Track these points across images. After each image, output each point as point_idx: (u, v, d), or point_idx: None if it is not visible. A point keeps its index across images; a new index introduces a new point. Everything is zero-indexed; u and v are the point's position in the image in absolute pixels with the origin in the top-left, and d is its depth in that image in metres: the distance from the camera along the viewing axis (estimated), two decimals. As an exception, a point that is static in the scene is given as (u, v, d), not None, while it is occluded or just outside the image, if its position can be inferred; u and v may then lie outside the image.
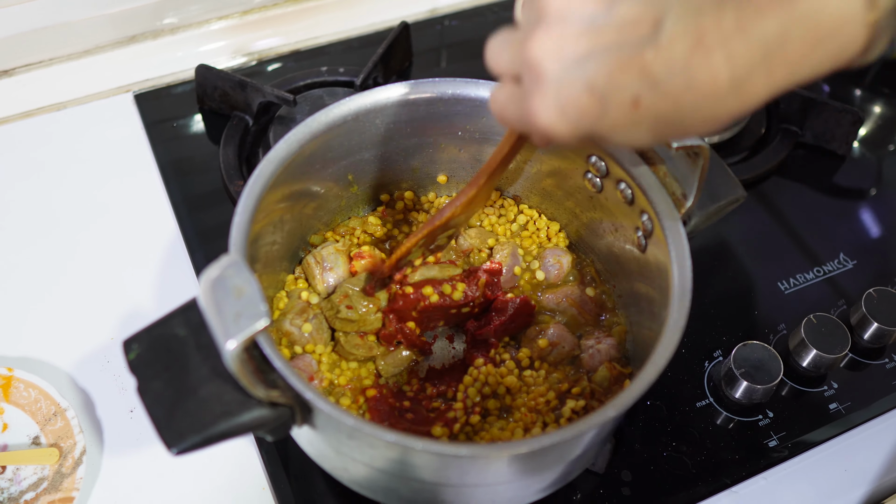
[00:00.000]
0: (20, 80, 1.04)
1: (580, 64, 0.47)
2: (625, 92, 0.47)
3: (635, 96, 0.46)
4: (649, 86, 0.46)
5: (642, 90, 0.46)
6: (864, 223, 1.01)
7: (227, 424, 0.57)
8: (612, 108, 0.47)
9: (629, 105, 0.47)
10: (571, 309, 0.79)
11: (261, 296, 0.54)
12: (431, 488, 0.63)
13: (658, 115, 0.47)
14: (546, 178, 0.81)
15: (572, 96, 0.48)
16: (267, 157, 0.68)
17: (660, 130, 0.49)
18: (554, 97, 0.48)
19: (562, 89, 0.48)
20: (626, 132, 0.49)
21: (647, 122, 0.48)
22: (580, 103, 0.48)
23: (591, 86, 0.47)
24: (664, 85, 0.46)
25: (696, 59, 0.45)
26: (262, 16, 1.11)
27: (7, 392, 0.80)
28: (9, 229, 0.93)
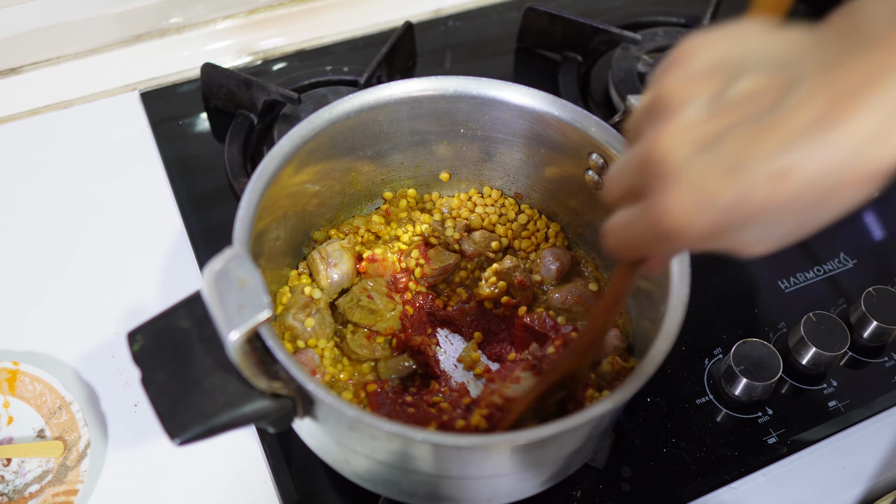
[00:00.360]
0: (27, 78, 1.05)
1: (713, 146, 0.43)
2: (769, 161, 0.41)
3: (783, 165, 0.41)
4: (794, 149, 0.41)
5: (788, 156, 0.41)
6: (864, 223, 1.01)
7: (230, 415, 0.58)
8: (757, 183, 0.42)
9: (777, 176, 0.41)
10: (577, 306, 0.80)
11: (263, 288, 0.54)
12: (432, 480, 0.64)
13: (805, 183, 0.41)
14: (548, 176, 0.82)
15: (709, 179, 0.42)
16: (270, 154, 0.69)
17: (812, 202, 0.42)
18: (687, 186, 0.43)
19: (695, 175, 0.43)
20: (769, 219, 0.43)
21: (791, 197, 0.41)
22: (719, 185, 0.42)
23: (731, 165, 0.42)
24: (813, 144, 0.40)
25: (836, 113, 0.40)
26: (267, 15, 1.12)
27: (12, 386, 0.81)
28: (15, 225, 0.94)
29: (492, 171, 0.84)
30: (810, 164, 0.41)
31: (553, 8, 1.08)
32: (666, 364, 0.86)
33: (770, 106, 0.42)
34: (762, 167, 0.41)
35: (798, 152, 0.41)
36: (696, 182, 0.43)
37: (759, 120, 0.42)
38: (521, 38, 1.11)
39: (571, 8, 1.14)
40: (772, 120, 0.42)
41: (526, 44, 1.12)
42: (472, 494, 0.67)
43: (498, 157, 0.82)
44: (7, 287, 0.89)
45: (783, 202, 0.42)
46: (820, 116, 0.40)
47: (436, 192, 0.87)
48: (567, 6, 1.17)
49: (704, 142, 0.43)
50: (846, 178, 0.41)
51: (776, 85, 0.42)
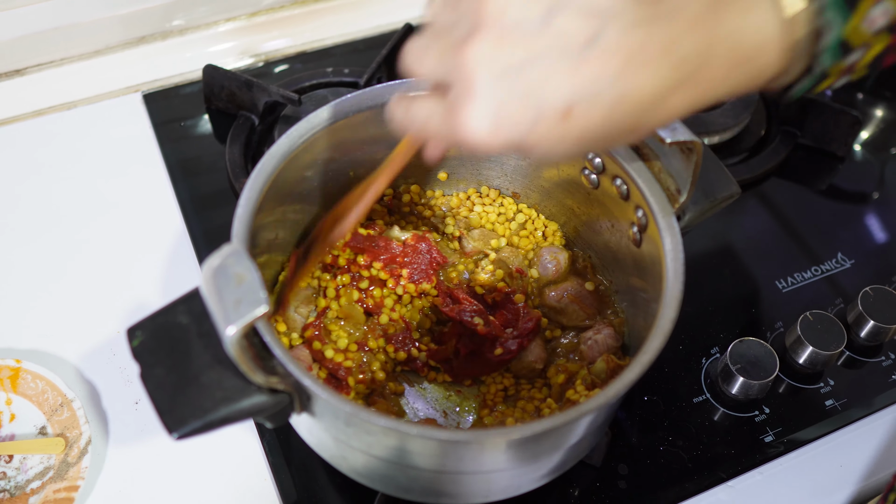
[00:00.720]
0: (31, 80, 1.06)
1: (516, 71, 0.47)
2: (559, 101, 0.46)
3: (568, 106, 0.47)
4: (583, 96, 0.46)
5: (576, 100, 0.46)
6: (862, 224, 1.01)
7: (228, 410, 0.58)
8: (543, 119, 0.47)
9: (561, 115, 0.47)
10: (573, 305, 0.80)
11: (261, 283, 0.55)
12: (428, 476, 0.64)
13: (586, 126, 0.47)
14: (544, 176, 0.82)
15: (507, 105, 0.47)
16: (269, 152, 0.69)
17: (584, 142, 0.49)
18: (487, 106, 0.47)
19: (496, 97, 0.47)
20: (551, 144, 0.49)
21: (574, 133, 0.48)
22: (514, 112, 0.47)
23: (527, 94, 0.47)
24: (598, 96, 0.46)
25: (628, 73, 0.46)
26: (269, 18, 1.13)
27: (15, 383, 0.81)
28: (19, 224, 0.95)
29: (489, 170, 0.85)
30: (594, 111, 0.47)
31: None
32: (663, 363, 0.87)
33: (576, 46, 0.46)
34: (555, 102, 0.46)
35: (587, 99, 0.46)
36: (496, 103, 0.47)
37: (564, 57, 0.46)
38: (521, 40, 1.12)
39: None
40: (574, 60, 0.46)
41: (526, 45, 1.12)
42: (468, 490, 0.67)
43: (495, 157, 0.83)
44: (10, 285, 0.90)
45: (562, 135, 0.48)
46: (615, 70, 0.46)
47: (438, 191, 0.87)
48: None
49: (512, 64, 0.47)
50: (620, 129, 0.48)
51: (587, 29, 0.46)
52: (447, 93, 0.50)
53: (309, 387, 0.58)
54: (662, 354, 0.87)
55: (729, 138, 1.04)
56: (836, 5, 0.48)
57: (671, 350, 0.88)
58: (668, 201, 0.68)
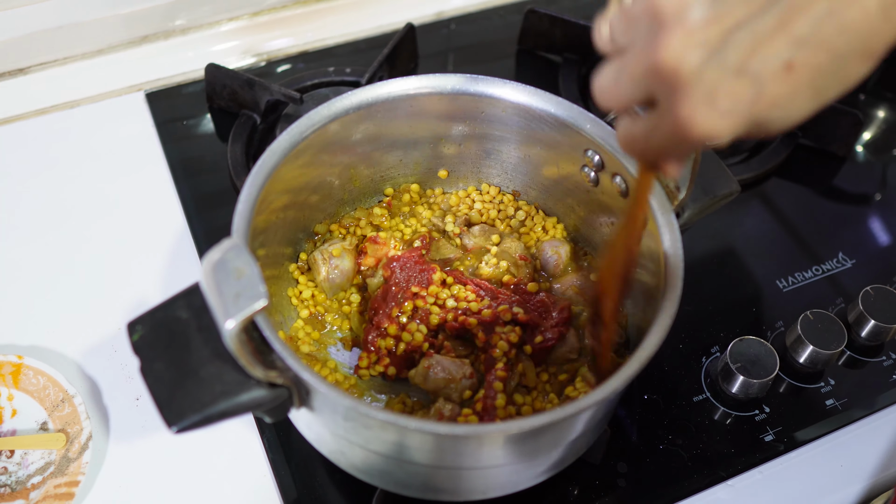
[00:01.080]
0: (35, 79, 1.07)
1: (718, 52, 0.45)
2: (775, 60, 0.45)
3: (787, 61, 0.45)
4: (798, 44, 0.44)
5: (792, 52, 0.44)
6: (863, 224, 1.01)
7: (227, 404, 0.58)
8: (767, 83, 0.45)
9: (783, 72, 0.45)
10: (577, 297, 0.80)
11: (260, 277, 0.55)
12: (427, 471, 0.65)
13: (816, 71, 0.45)
14: (545, 174, 0.83)
15: (723, 87, 0.45)
16: (270, 148, 0.70)
17: (821, 88, 0.46)
18: (704, 95, 0.45)
19: (708, 84, 0.45)
20: (788, 105, 0.46)
21: (805, 83, 0.45)
22: (733, 90, 0.45)
23: (739, 68, 0.45)
24: (814, 37, 0.44)
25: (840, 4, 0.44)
26: (271, 17, 1.14)
27: (17, 379, 0.82)
28: (22, 222, 0.95)
29: (490, 168, 0.85)
30: (819, 54, 0.45)
31: (554, 10, 1.09)
32: (663, 362, 0.87)
33: (767, 4, 0.45)
34: (770, 64, 0.45)
35: (800, 46, 0.44)
36: (712, 88, 0.45)
37: (763, 16, 0.45)
38: (522, 41, 1.13)
39: (572, 11, 1.15)
40: (775, 16, 0.44)
41: (527, 46, 1.13)
42: (467, 486, 0.67)
43: (496, 155, 0.83)
44: (13, 282, 0.90)
45: (793, 92, 0.45)
46: (820, 7, 0.44)
47: (438, 189, 0.87)
48: (567, 9, 1.18)
49: (712, 46, 0.45)
50: (851, 59, 0.45)
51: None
52: (656, 106, 0.49)
53: (308, 381, 0.58)
54: (663, 353, 0.87)
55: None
56: None
57: (671, 348, 0.88)
58: (667, 198, 0.68)
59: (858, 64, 0.46)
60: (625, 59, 0.49)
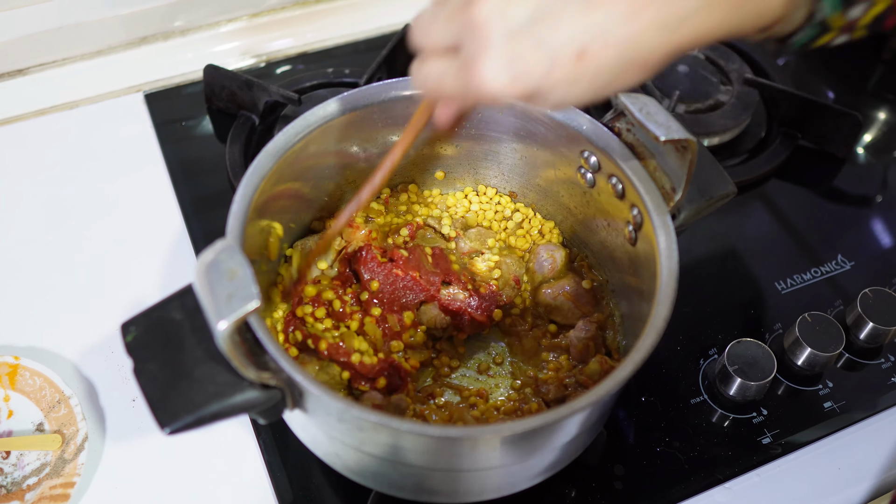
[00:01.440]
0: (34, 79, 1.07)
1: (526, 22, 0.48)
2: (571, 45, 0.48)
3: (581, 49, 0.48)
4: (594, 37, 0.48)
5: (587, 41, 0.48)
6: (863, 226, 1.01)
7: (220, 405, 0.58)
8: (558, 63, 0.48)
9: (575, 58, 0.48)
10: (568, 303, 0.80)
11: (253, 278, 0.55)
12: (421, 473, 0.64)
13: (600, 66, 0.49)
14: (542, 175, 0.82)
15: (521, 55, 0.48)
16: (265, 150, 0.70)
17: (599, 82, 0.50)
18: (502, 57, 0.49)
19: (510, 49, 0.49)
20: (567, 87, 0.50)
21: (589, 74, 0.49)
22: (529, 61, 0.49)
23: (540, 42, 0.48)
24: (608, 35, 0.48)
25: (636, 10, 0.47)
26: (270, 18, 1.14)
27: (13, 380, 0.82)
28: (21, 222, 0.95)
29: (486, 169, 0.85)
30: (608, 51, 0.48)
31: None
32: (661, 364, 0.87)
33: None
34: (568, 46, 0.48)
35: (599, 39, 0.48)
36: (511, 54, 0.49)
37: (573, 1, 0.48)
38: (522, 42, 1.12)
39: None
40: (584, 4, 0.48)
41: (526, 47, 1.12)
42: (461, 488, 0.67)
43: (492, 156, 0.83)
44: (10, 282, 0.91)
45: (578, 77, 0.49)
46: (623, 9, 0.47)
47: (436, 190, 0.87)
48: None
49: (521, 16, 0.48)
50: (633, 66, 0.49)
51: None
52: (459, 53, 0.51)
53: (300, 382, 0.58)
54: (660, 355, 0.87)
55: (729, 139, 1.04)
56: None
57: (669, 351, 0.88)
58: (662, 200, 0.68)
59: (636, 72, 0.50)
60: (444, 4, 0.52)
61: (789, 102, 1.04)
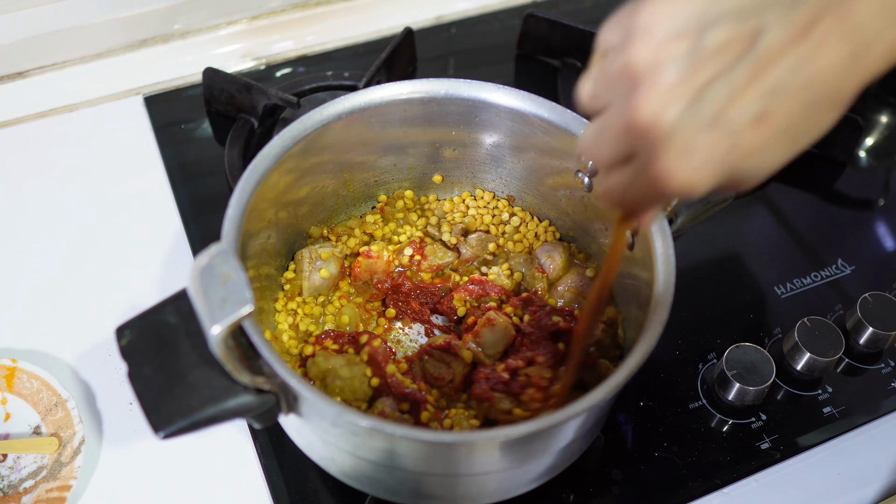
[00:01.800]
0: (34, 82, 1.07)
1: (692, 106, 0.46)
2: (748, 111, 0.45)
3: (760, 111, 0.45)
4: (769, 95, 0.45)
5: (764, 102, 0.45)
6: (864, 230, 1.01)
7: (214, 409, 0.58)
8: (741, 134, 0.46)
9: (756, 122, 0.45)
10: (579, 297, 0.79)
11: (247, 283, 0.55)
12: (416, 478, 0.64)
13: (788, 120, 0.46)
14: (539, 178, 0.82)
15: (698, 141, 0.46)
16: (261, 154, 0.70)
17: (794, 136, 0.47)
18: (680, 148, 0.46)
19: (684, 139, 0.46)
20: (762, 154, 0.47)
21: (778, 133, 0.46)
22: (708, 144, 0.46)
23: (713, 121, 0.46)
24: (785, 88, 0.45)
25: (808, 51, 0.44)
26: (270, 21, 1.14)
27: (10, 383, 0.82)
28: (19, 225, 0.95)
29: (484, 173, 0.85)
30: (790, 104, 0.45)
31: (553, 15, 1.09)
32: (659, 368, 0.87)
33: (742, 54, 0.45)
34: (743, 115, 0.45)
35: (774, 96, 0.45)
36: (687, 142, 0.46)
37: (735, 70, 0.45)
38: (522, 45, 1.12)
39: (571, 15, 1.15)
40: (747, 68, 0.45)
41: (526, 50, 1.13)
42: (457, 493, 0.67)
43: (490, 160, 0.83)
44: (8, 285, 0.91)
45: (767, 141, 0.46)
46: (795, 57, 0.44)
47: (433, 195, 0.87)
48: (566, 13, 1.18)
49: (688, 100, 0.46)
50: (821, 107, 0.46)
51: (745, 33, 0.45)
52: (635, 160, 0.50)
53: (294, 387, 0.58)
54: (659, 360, 0.87)
55: (729, 143, 1.03)
56: None
57: (668, 355, 0.88)
58: (660, 204, 0.68)
59: (828, 111, 0.47)
60: (605, 117, 0.50)
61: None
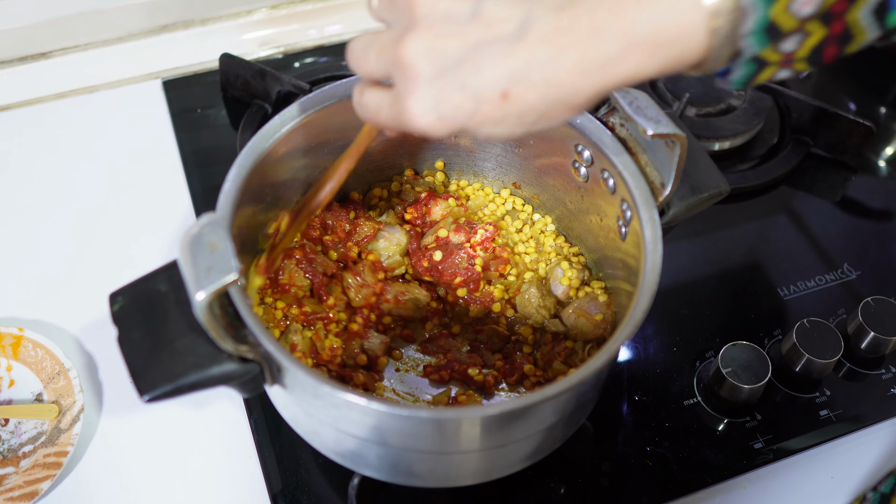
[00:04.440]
0: (56, 63, 1.10)
1: (452, 63, 0.50)
2: (495, 87, 0.50)
3: (504, 90, 0.50)
4: (517, 80, 0.49)
5: (510, 84, 0.50)
6: (870, 235, 1.00)
7: (198, 376, 0.59)
8: (483, 104, 0.50)
9: (499, 99, 0.50)
10: (581, 320, 0.79)
11: (232, 252, 0.56)
12: (397, 454, 0.65)
13: (525, 107, 0.50)
14: (538, 168, 0.83)
15: (447, 96, 0.50)
16: (261, 132, 0.71)
17: (525, 121, 0.52)
18: (429, 97, 0.51)
19: (436, 89, 0.51)
20: (494, 126, 0.52)
21: (514, 114, 0.51)
22: (454, 101, 0.51)
23: (464, 84, 0.50)
24: (530, 79, 0.49)
25: (557, 53, 0.49)
26: (290, 11, 1.16)
27: (16, 350, 0.84)
28: (35, 201, 0.98)
29: (484, 161, 0.85)
30: (531, 93, 0.50)
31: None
32: (656, 364, 0.87)
33: (508, 34, 0.49)
34: (490, 89, 0.50)
35: (522, 81, 0.49)
36: (435, 92, 0.51)
37: (496, 44, 0.50)
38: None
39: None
40: (506, 46, 0.49)
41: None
42: (438, 471, 0.67)
43: (490, 148, 0.83)
44: (22, 258, 0.93)
45: (503, 116, 0.51)
46: (545, 53, 0.49)
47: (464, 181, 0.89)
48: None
49: (448, 56, 0.50)
50: (556, 106, 0.51)
51: (516, 15, 0.50)
52: (393, 85, 0.54)
53: (276, 356, 0.59)
54: (656, 356, 0.87)
55: (740, 144, 1.03)
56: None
57: (665, 351, 0.88)
58: (651, 194, 0.68)
59: (563, 111, 0.51)
60: (377, 36, 0.54)
61: (802, 109, 1.04)
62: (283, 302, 0.78)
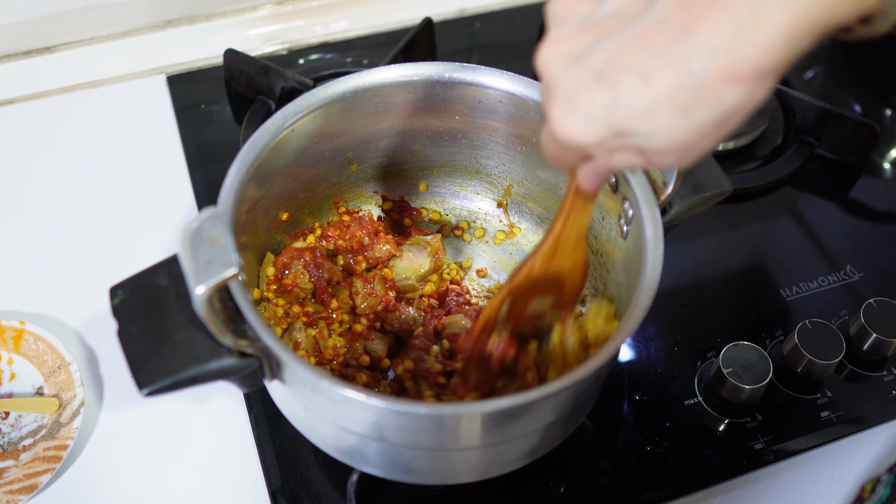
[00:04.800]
0: (60, 57, 1.10)
1: (583, 59, 0.47)
2: (631, 69, 0.45)
3: (643, 72, 0.44)
4: (654, 57, 0.44)
5: (647, 64, 0.44)
6: (874, 237, 0.99)
7: (197, 370, 0.59)
8: (622, 91, 0.45)
9: (639, 82, 0.45)
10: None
11: (233, 246, 0.56)
12: (394, 450, 0.65)
13: (673, 86, 0.44)
14: (541, 166, 0.82)
15: (581, 90, 0.46)
16: (263, 126, 0.71)
17: (686, 107, 0.44)
18: (564, 97, 0.47)
19: (569, 87, 0.47)
20: (651, 119, 0.45)
21: (664, 98, 0.44)
22: (590, 95, 0.46)
23: (597, 75, 0.46)
24: (668, 52, 0.44)
25: (696, 20, 0.43)
26: (295, 7, 1.15)
27: (18, 344, 0.84)
28: (38, 195, 0.98)
29: (487, 158, 0.85)
30: (668, 69, 0.44)
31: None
32: (657, 364, 0.87)
33: (633, 20, 0.46)
34: (625, 75, 0.45)
35: (657, 60, 0.44)
36: (571, 92, 0.47)
37: (624, 32, 0.46)
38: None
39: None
40: (635, 32, 0.45)
41: (546, 45, 1.13)
42: (437, 468, 0.67)
43: (493, 146, 0.83)
44: (24, 252, 0.93)
45: (652, 105, 0.45)
46: (678, 27, 0.43)
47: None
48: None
49: (578, 54, 0.47)
50: (706, 81, 0.43)
51: (639, 1, 0.46)
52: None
53: (275, 351, 0.59)
54: (657, 355, 0.87)
55: (744, 144, 1.03)
56: None
57: (667, 351, 0.88)
58: (653, 193, 0.68)
59: (725, 86, 0.43)
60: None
61: (807, 110, 1.03)
62: (283, 300, 0.78)
